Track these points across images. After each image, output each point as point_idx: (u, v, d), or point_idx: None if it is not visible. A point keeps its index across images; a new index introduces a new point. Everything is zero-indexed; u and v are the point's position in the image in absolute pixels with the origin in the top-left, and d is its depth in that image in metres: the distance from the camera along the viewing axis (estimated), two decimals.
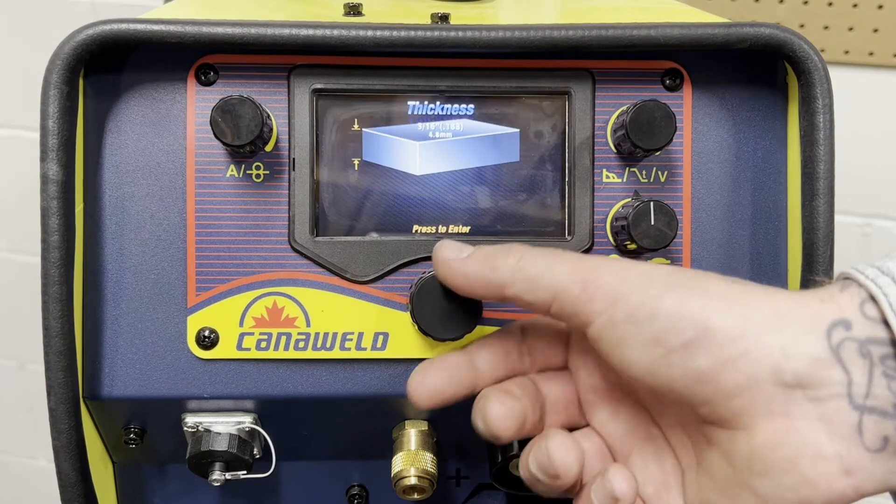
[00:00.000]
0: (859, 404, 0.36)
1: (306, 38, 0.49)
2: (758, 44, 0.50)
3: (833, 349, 0.36)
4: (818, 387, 0.36)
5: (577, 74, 0.52)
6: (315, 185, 0.52)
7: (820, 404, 0.36)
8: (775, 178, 0.54)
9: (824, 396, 0.36)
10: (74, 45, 0.48)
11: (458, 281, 0.45)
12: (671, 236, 0.50)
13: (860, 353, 0.36)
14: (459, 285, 0.45)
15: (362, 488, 0.62)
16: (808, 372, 0.36)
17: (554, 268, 0.41)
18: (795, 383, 0.36)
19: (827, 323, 0.36)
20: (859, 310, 0.36)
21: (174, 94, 0.52)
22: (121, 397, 0.51)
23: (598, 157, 0.53)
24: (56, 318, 0.47)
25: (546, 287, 0.41)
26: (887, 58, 1.08)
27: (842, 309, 0.37)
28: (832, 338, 0.36)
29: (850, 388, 0.36)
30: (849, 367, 0.36)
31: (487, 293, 0.44)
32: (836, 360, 0.36)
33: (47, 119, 0.47)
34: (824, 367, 0.36)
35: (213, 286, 0.51)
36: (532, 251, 0.43)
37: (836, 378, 0.36)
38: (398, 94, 0.52)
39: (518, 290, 0.42)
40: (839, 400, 0.36)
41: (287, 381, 0.52)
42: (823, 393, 0.36)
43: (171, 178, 0.52)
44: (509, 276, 0.42)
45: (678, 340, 0.37)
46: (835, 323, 0.36)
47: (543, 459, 0.43)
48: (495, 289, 0.43)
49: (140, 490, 0.60)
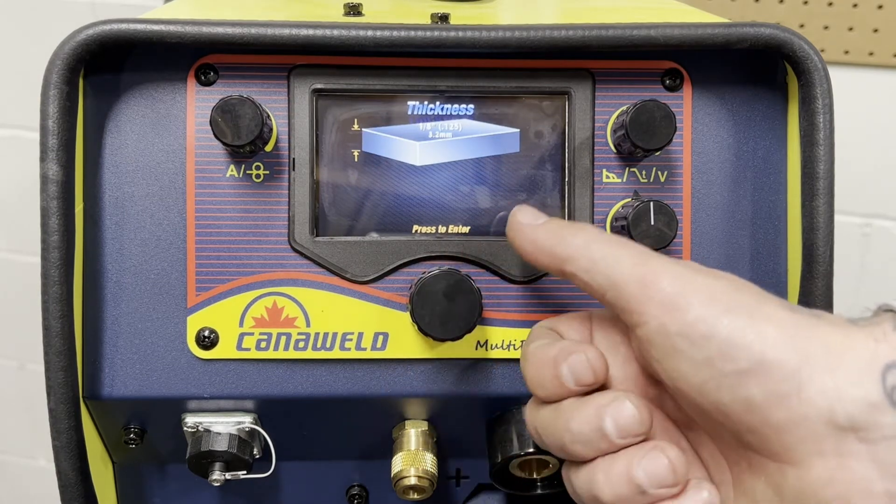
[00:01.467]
0: None
1: (306, 38, 0.49)
2: (758, 44, 0.50)
3: (888, 393, 0.36)
4: (871, 429, 0.36)
5: (577, 74, 0.52)
6: (315, 185, 0.52)
7: (872, 445, 0.36)
8: (775, 178, 0.54)
9: (877, 438, 0.36)
10: (74, 45, 0.48)
11: (526, 246, 0.44)
12: (671, 236, 0.50)
13: None
14: (526, 251, 0.44)
15: (362, 488, 0.62)
16: (862, 416, 0.36)
17: (618, 257, 0.41)
18: (849, 426, 0.36)
19: (882, 365, 0.36)
20: None
21: (174, 94, 0.52)
22: (121, 397, 0.51)
23: (598, 157, 0.53)
24: (56, 318, 0.47)
25: (605, 274, 0.41)
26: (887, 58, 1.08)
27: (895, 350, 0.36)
28: (887, 381, 0.36)
29: None
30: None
31: (550, 264, 0.43)
32: (890, 404, 0.36)
33: (47, 119, 0.47)
34: (878, 411, 0.36)
35: (213, 286, 0.51)
36: (603, 235, 0.42)
37: (889, 421, 0.36)
38: (398, 94, 0.52)
39: (578, 267, 0.42)
40: (891, 441, 0.36)
41: (287, 381, 0.52)
42: (876, 435, 0.36)
43: (171, 178, 0.52)
44: (574, 252, 0.42)
45: (732, 368, 0.37)
46: (889, 365, 0.36)
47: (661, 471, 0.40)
48: (558, 261, 0.43)
49: (140, 490, 0.60)
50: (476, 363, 0.53)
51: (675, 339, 0.38)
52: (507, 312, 0.52)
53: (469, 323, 0.49)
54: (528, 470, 0.55)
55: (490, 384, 0.53)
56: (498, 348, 0.52)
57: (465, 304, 0.48)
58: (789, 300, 0.53)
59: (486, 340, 0.52)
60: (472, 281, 0.50)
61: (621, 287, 0.40)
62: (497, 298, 0.52)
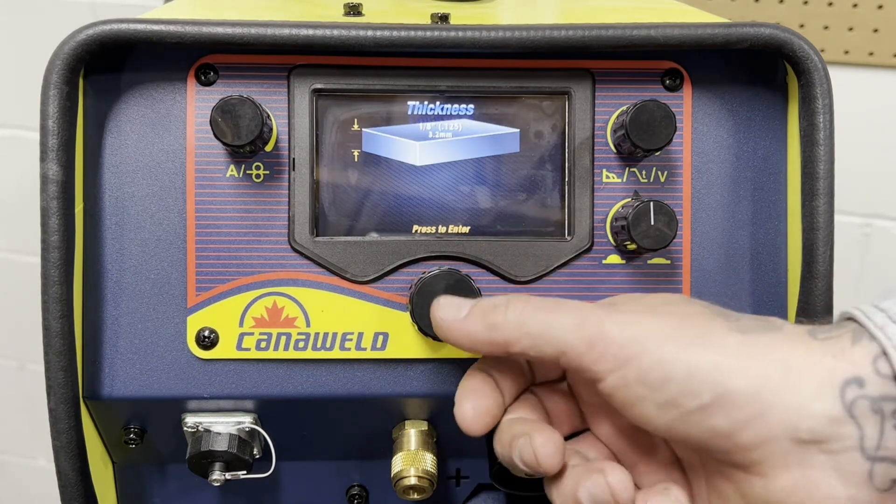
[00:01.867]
0: (871, 455, 0.37)
1: (306, 38, 0.49)
2: (758, 44, 0.50)
3: (847, 407, 0.36)
4: (832, 441, 0.37)
5: (577, 74, 0.52)
6: (315, 185, 0.52)
7: (833, 455, 0.37)
8: (775, 178, 0.54)
9: (838, 449, 0.37)
10: (74, 45, 0.48)
11: (464, 343, 0.44)
12: (671, 236, 0.49)
13: (873, 410, 0.36)
14: (464, 347, 0.44)
15: (362, 488, 0.62)
16: (823, 430, 0.37)
17: (557, 325, 0.41)
18: (811, 440, 0.37)
19: (840, 381, 0.37)
20: (872, 366, 0.37)
21: (174, 94, 0.52)
22: (121, 397, 0.51)
23: (598, 157, 0.53)
24: (56, 318, 0.47)
25: (550, 344, 0.41)
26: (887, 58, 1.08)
27: (854, 365, 0.37)
28: (846, 396, 0.37)
29: (863, 442, 0.37)
30: (861, 422, 0.36)
31: (493, 351, 0.43)
32: (849, 417, 0.36)
33: (47, 119, 0.47)
34: (838, 424, 0.37)
35: (213, 286, 0.51)
36: (532, 304, 0.42)
37: (850, 433, 0.37)
38: (398, 94, 0.52)
39: (523, 347, 0.42)
40: (852, 452, 0.37)
41: (287, 381, 0.52)
42: (837, 446, 0.37)
43: (171, 178, 0.52)
44: (512, 335, 0.42)
45: (694, 404, 0.38)
46: (848, 381, 0.37)
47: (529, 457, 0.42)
48: (500, 348, 0.43)
49: (140, 490, 0.60)
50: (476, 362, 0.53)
51: (635, 388, 0.39)
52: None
53: None
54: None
55: None
56: None
57: None
58: (789, 300, 0.53)
59: None
60: (473, 281, 0.50)
61: (570, 353, 0.41)
62: None
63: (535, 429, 0.43)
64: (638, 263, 0.53)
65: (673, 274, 0.53)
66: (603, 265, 0.53)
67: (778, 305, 0.54)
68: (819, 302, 0.51)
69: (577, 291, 0.53)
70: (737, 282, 0.53)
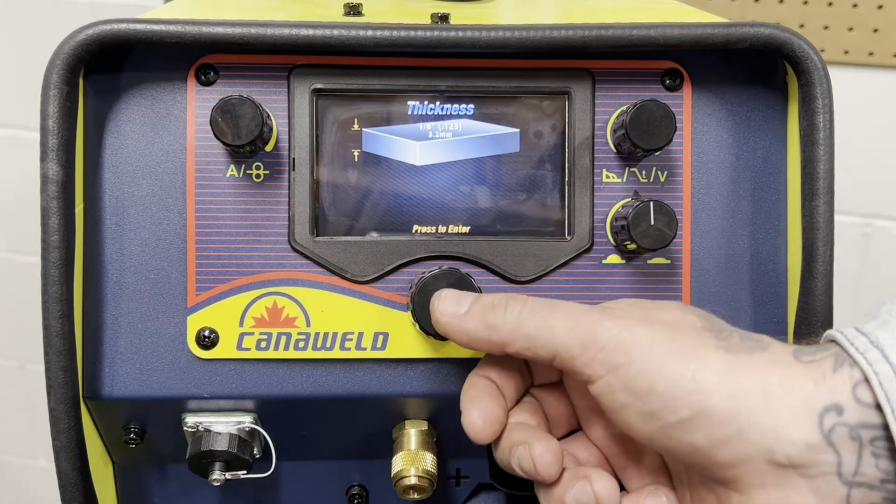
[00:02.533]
0: (848, 480, 0.37)
1: (306, 38, 0.49)
2: (758, 44, 0.50)
3: (825, 434, 0.37)
4: (810, 466, 0.37)
5: (577, 74, 0.52)
6: (315, 185, 0.52)
7: (811, 479, 0.37)
8: (775, 178, 0.54)
9: (815, 474, 0.37)
10: (74, 45, 0.48)
11: (461, 339, 0.45)
12: (671, 236, 0.49)
13: (851, 437, 0.37)
14: (462, 343, 0.45)
15: (362, 488, 0.62)
16: (801, 455, 0.37)
17: (553, 327, 0.42)
18: (789, 465, 0.37)
19: (819, 408, 0.37)
20: (852, 393, 0.37)
21: (174, 94, 0.52)
22: (121, 397, 0.51)
23: (598, 156, 0.53)
24: (56, 318, 0.47)
25: (545, 346, 0.42)
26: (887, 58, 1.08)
27: (834, 393, 0.37)
28: (824, 423, 0.37)
29: (841, 468, 0.37)
30: (839, 449, 0.37)
31: (490, 349, 0.45)
32: (827, 444, 0.37)
33: (47, 119, 0.47)
34: (816, 450, 0.37)
35: (213, 286, 0.51)
36: (530, 305, 0.43)
37: (827, 459, 0.37)
38: (398, 94, 0.52)
39: (518, 348, 0.43)
40: (829, 477, 0.37)
41: (287, 381, 0.52)
42: (815, 471, 0.37)
43: (171, 178, 0.52)
44: (509, 335, 0.43)
45: (674, 418, 0.39)
46: (827, 408, 0.37)
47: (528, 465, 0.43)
48: (497, 347, 0.44)
49: (140, 490, 0.60)
50: (476, 363, 0.53)
51: (620, 394, 0.40)
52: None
53: None
54: None
55: None
56: None
57: None
58: (789, 300, 0.53)
59: None
60: (473, 280, 0.50)
61: (563, 354, 0.41)
62: None
63: (533, 437, 0.44)
64: (638, 263, 0.53)
65: (673, 274, 0.53)
66: (603, 265, 0.53)
67: (778, 305, 0.54)
68: (819, 302, 0.51)
69: (577, 291, 0.53)
70: (737, 281, 0.53)
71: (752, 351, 0.39)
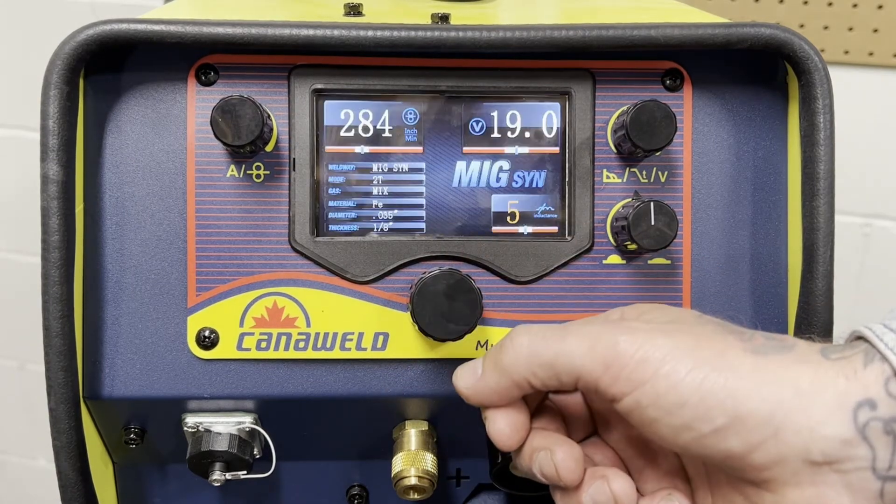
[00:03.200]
0: (883, 475, 0.37)
1: (306, 38, 0.49)
2: (758, 44, 0.50)
3: (859, 429, 0.37)
4: (844, 462, 0.37)
5: (577, 74, 0.52)
6: (315, 185, 0.52)
7: (845, 475, 0.37)
8: (775, 178, 0.54)
9: (850, 469, 0.37)
10: (74, 45, 0.48)
11: (492, 399, 0.44)
12: (671, 236, 0.49)
13: (885, 431, 0.37)
14: (497, 403, 0.44)
15: (362, 488, 0.62)
16: (836, 452, 0.37)
17: (569, 352, 0.41)
18: (823, 461, 0.37)
19: (853, 403, 0.37)
20: (884, 388, 0.37)
21: (174, 94, 0.52)
22: (121, 397, 0.51)
23: (598, 157, 0.53)
24: (56, 318, 0.47)
25: (567, 371, 0.41)
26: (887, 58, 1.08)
27: (866, 388, 0.37)
28: (858, 418, 0.37)
29: (875, 463, 0.37)
30: (874, 443, 0.37)
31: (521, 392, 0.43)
32: (861, 439, 0.37)
33: (47, 119, 0.47)
34: (851, 445, 0.37)
35: (214, 286, 0.51)
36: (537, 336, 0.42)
37: (862, 454, 0.37)
38: (398, 94, 0.52)
39: (542, 379, 0.42)
40: (864, 472, 0.37)
41: (287, 381, 0.52)
42: (849, 466, 0.37)
43: (171, 178, 0.52)
44: (527, 370, 0.42)
45: (709, 427, 0.38)
46: (860, 403, 0.37)
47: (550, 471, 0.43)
48: (524, 387, 0.42)
49: (140, 490, 0.60)
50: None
51: (650, 410, 0.39)
52: (507, 312, 0.52)
53: (469, 323, 0.49)
54: None
55: None
56: None
57: (465, 304, 0.48)
58: (789, 300, 0.53)
59: (486, 340, 0.52)
60: (473, 281, 0.50)
61: (587, 377, 0.40)
62: (497, 298, 0.52)
63: (555, 442, 0.43)
64: (638, 263, 0.53)
65: (673, 274, 0.53)
66: (603, 265, 0.53)
67: (778, 305, 0.54)
68: (819, 302, 0.51)
69: (577, 291, 0.53)
70: (737, 282, 0.53)
71: (780, 351, 0.39)
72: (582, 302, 0.53)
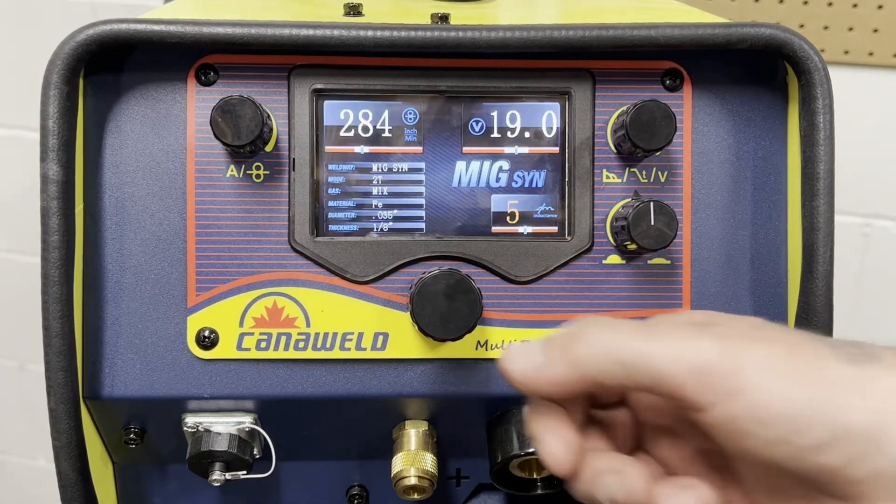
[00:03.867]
0: None
1: (306, 38, 0.49)
2: (758, 44, 0.50)
3: None
4: None
5: (577, 74, 0.52)
6: (315, 185, 0.52)
7: None
8: (775, 178, 0.54)
9: None
10: (74, 45, 0.48)
11: (552, 392, 0.39)
12: (671, 236, 0.49)
13: None
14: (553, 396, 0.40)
15: (362, 488, 0.62)
16: None
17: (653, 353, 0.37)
18: None
19: None
20: None
21: (174, 94, 0.52)
22: (121, 397, 0.51)
23: (598, 157, 0.53)
24: (56, 318, 0.47)
25: (647, 374, 0.37)
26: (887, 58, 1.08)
27: None
28: None
29: None
30: None
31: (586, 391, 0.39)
32: None
33: (47, 119, 0.47)
34: None
35: (214, 286, 0.51)
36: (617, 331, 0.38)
37: None
38: (398, 94, 0.52)
39: (617, 379, 0.38)
40: None
41: (287, 381, 0.52)
42: None
43: (171, 178, 0.52)
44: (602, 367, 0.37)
45: (808, 441, 0.35)
46: None
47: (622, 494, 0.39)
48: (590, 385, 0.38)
49: (140, 490, 0.60)
50: (476, 363, 0.53)
51: (742, 422, 0.36)
52: (507, 312, 0.52)
53: (469, 323, 0.49)
54: (527, 470, 0.55)
55: (490, 384, 0.53)
56: (498, 348, 0.52)
57: (465, 304, 0.48)
58: (789, 300, 0.53)
59: (486, 340, 0.52)
60: (473, 281, 0.50)
61: (670, 382, 0.36)
62: (497, 298, 0.52)
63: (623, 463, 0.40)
64: (638, 263, 0.53)
65: (673, 274, 0.53)
66: (603, 265, 0.53)
67: (778, 305, 0.54)
68: (819, 302, 0.51)
69: (576, 291, 0.53)
70: (737, 282, 0.53)
71: (870, 360, 0.37)
72: (582, 302, 0.53)
